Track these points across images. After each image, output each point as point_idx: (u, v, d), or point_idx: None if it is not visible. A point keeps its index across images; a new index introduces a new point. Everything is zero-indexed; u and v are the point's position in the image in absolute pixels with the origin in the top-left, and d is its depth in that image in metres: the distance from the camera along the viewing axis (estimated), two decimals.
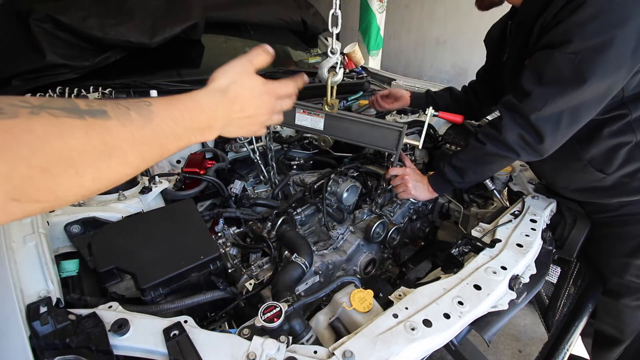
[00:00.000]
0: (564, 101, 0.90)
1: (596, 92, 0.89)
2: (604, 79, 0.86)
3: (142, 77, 1.61)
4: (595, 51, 0.83)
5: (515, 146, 1.00)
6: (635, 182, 1.06)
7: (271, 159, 1.52)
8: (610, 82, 0.87)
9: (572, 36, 0.84)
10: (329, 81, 1.10)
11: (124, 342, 0.60)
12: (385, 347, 0.68)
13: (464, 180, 1.17)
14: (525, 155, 1.03)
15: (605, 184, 1.10)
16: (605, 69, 0.84)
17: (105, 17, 1.50)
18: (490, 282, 0.88)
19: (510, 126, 0.98)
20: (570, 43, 0.84)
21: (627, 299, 1.26)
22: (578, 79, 0.86)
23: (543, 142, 0.96)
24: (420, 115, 1.77)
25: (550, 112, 0.92)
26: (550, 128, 0.94)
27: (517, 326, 2.18)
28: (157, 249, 0.85)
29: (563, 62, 0.86)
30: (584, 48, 0.83)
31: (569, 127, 0.94)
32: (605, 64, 0.83)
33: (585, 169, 1.09)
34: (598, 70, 0.84)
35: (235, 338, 0.65)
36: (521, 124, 0.97)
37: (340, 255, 1.23)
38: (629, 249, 1.20)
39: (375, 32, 3.47)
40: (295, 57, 2.39)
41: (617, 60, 0.83)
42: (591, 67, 0.84)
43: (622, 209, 1.17)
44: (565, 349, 1.20)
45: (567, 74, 0.86)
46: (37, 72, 1.42)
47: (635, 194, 1.10)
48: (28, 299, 0.63)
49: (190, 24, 1.64)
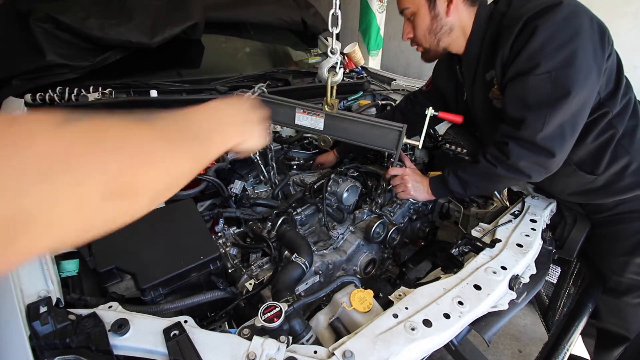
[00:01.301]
0: (560, 115, 0.93)
1: (583, 99, 0.94)
2: (583, 86, 0.91)
3: (142, 77, 1.61)
4: (565, 65, 0.90)
5: (526, 170, 1.02)
6: (625, 179, 1.09)
7: (271, 159, 1.52)
8: (589, 86, 0.93)
9: (538, 60, 0.91)
10: (329, 81, 1.10)
11: (124, 342, 0.61)
12: (385, 347, 0.68)
13: (465, 192, 1.18)
14: (537, 176, 1.04)
15: (597, 185, 1.12)
16: (580, 77, 0.91)
17: (105, 17, 1.50)
18: (490, 282, 0.88)
19: (518, 151, 0.99)
20: (538, 66, 0.91)
21: (628, 297, 1.27)
22: (563, 93, 0.91)
23: (554, 157, 0.98)
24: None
25: (552, 128, 0.95)
26: (557, 143, 0.96)
27: (517, 326, 2.18)
28: (157, 249, 0.85)
29: (540, 82, 0.93)
30: (554, 66, 0.90)
31: (572, 136, 0.98)
32: (578, 73, 0.90)
33: (575, 173, 1.12)
34: (575, 79, 0.90)
35: (235, 338, 0.65)
36: (529, 147, 0.98)
37: (340, 255, 1.23)
38: (628, 247, 1.21)
39: (375, 32, 3.47)
40: (295, 57, 2.39)
41: (586, 66, 0.91)
42: (568, 79, 0.90)
43: (619, 207, 1.18)
44: (565, 349, 1.20)
45: (551, 91, 0.92)
46: (37, 72, 1.42)
47: (627, 191, 1.11)
48: (28, 299, 0.63)
49: (190, 24, 1.64)
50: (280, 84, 1.84)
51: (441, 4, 1.05)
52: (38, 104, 1.36)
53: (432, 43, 1.12)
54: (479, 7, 1.07)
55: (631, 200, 1.15)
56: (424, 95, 1.49)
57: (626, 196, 1.13)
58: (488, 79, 1.08)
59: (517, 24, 0.94)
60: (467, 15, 1.07)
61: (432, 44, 1.12)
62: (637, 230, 1.19)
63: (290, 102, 1.26)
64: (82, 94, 1.39)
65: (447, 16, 1.06)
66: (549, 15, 0.90)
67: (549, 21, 0.90)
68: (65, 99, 1.37)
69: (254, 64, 2.16)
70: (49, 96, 1.36)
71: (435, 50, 1.14)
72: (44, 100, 1.36)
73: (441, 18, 1.06)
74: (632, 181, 1.09)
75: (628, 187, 1.10)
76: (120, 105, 1.42)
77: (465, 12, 1.07)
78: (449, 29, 1.08)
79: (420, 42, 1.14)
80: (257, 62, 2.20)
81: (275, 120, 1.32)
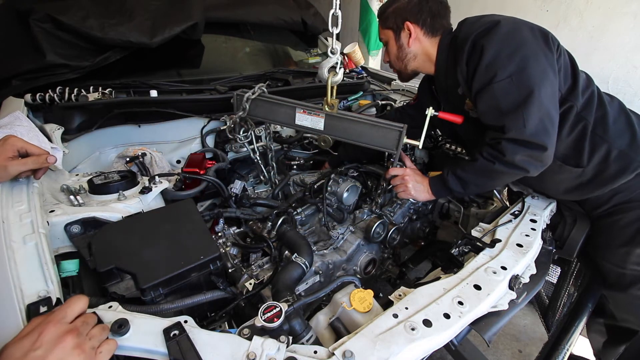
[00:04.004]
0: (535, 111, 0.99)
1: (549, 93, 1.01)
2: (544, 83, 1.00)
3: (142, 77, 1.61)
4: (521, 69, 1.00)
5: (523, 164, 1.05)
6: (611, 167, 1.12)
7: (271, 159, 1.52)
8: (549, 83, 1.01)
9: (495, 70, 1.01)
10: (329, 81, 1.10)
11: (124, 342, 0.60)
12: (385, 347, 0.68)
13: (465, 191, 1.20)
14: (534, 170, 1.07)
15: (587, 178, 1.16)
16: (538, 76, 1.00)
17: (105, 17, 1.50)
18: (490, 282, 0.88)
19: (512, 148, 1.03)
20: (496, 74, 1.01)
21: (633, 288, 1.27)
22: (528, 91, 0.99)
23: (547, 149, 1.01)
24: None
25: (534, 124, 0.99)
26: (544, 136, 1.00)
27: (517, 326, 2.18)
28: (157, 249, 0.85)
29: (504, 87, 1.01)
30: (511, 72, 1.00)
31: (553, 127, 1.03)
32: (535, 73, 1.00)
33: (562, 168, 1.15)
34: (534, 79, 0.99)
35: (235, 338, 0.65)
36: (521, 144, 1.02)
37: (340, 255, 1.23)
38: (627, 237, 1.22)
39: (375, 32, 3.46)
40: (295, 57, 2.39)
41: (540, 67, 1.01)
42: (528, 79, 0.99)
43: (615, 198, 1.21)
44: (565, 349, 1.20)
45: (517, 92, 1.00)
46: (37, 72, 1.42)
47: (617, 178, 1.13)
48: (28, 299, 0.63)
49: (190, 24, 1.64)
50: (280, 84, 1.84)
51: (404, 37, 1.23)
52: (38, 104, 1.36)
53: (401, 67, 1.31)
54: (441, 36, 1.22)
55: (625, 189, 1.18)
56: (411, 108, 1.58)
57: (618, 183, 1.15)
58: (460, 93, 1.19)
59: (465, 43, 1.06)
60: (430, 44, 1.23)
61: (401, 67, 1.31)
62: (635, 219, 1.20)
63: (290, 102, 1.26)
64: (82, 94, 1.39)
65: (409, 46, 1.24)
66: (491, 34, 1.02)
67: (493, 39, 1.02)
68: (65, 99, 1.37)
69: (254, 64, 2.16)
70: (49, 96, 1.36)
71: (405, 72, 1.32)
72: (44, 100, 1.36)
73: (405, 47, 1.25)
74: (619, 167, 1.12)
75: (616, 174, 1.13)
76: (120, 105, 1.42)
77: (427, 42, 1.23)
78: (413, 56, 1.26)
79: (393, 65, 1.34)
80: (257, 62, 2.20)
81: (275, 120, 1.32)
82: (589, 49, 2.04)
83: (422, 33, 1.21)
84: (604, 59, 1.99)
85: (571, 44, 1.11)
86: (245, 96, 1.30)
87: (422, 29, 1.21)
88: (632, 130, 1.12)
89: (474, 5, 2.56)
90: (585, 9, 2.05)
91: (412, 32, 1.20)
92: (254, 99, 1.30)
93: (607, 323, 1.45)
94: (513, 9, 2.45)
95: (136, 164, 1.29)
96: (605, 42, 1.98)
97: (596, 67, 2.01)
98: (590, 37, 2.04)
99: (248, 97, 1.29)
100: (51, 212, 0.88)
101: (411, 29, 1.20)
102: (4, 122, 1.12)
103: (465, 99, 1.18)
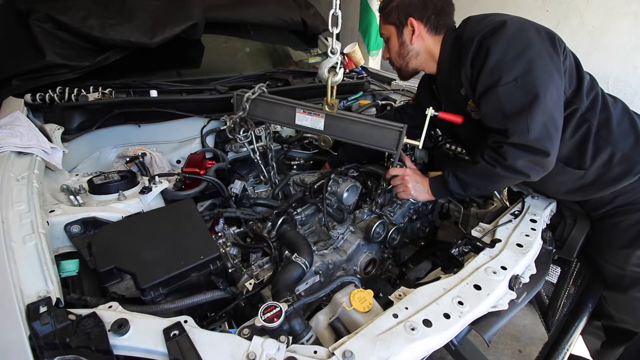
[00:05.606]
0: (539, 115, 0.97)
1: (554, 97, 0.99)
2: (549, 86, 0.98)
3: (142, 77, 1.61)
4: (527, 72, 0.97)
5: (524, 169, 1.04)
6: (614, 169, 1.11)
7: (271, 159, 1.52)
8: (554, 85, 0.99)
9: (500, 73, 0.99)
10: (329, 81, 1.10)
11: (124, 342, 0.60)
12: (385, 347, 0.68)
13: (465, 193, 1.19)
14: (535, 175, 1.06)
15: (589, 179, 1.14)
16: (544, 79, 0.97)
17: (105, 17, 1.50)
18: (490, 282, 0.88)
19: (514, 152, 1.02)
20: (502, 77, 0.99)
21: (633, 289, 1.27)
22: (533, 95, 0.97)
23: (549, 155, 1.00)
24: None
25: (538, 129, 0.98)
26: (547, 141, 0.99)
27: (517, 326, 2.18)
28: (157, 249, 0.85)
29: (510, 90, 0.99)
30: (516, 74, 0.98)
31: (557, 132, 1.01)
32: (540, 76, 0.97)
33: (564, 170, 1.14)
34: (540, 82, 0.97)
35: (235, 338, 0.65)
36: (523, 149, 1.01)
37: (340, 255, 1.23)
38: (628, 239, 1.21)
39: (375, 32, 3.46)
40: (295, 57, 2.39)
41: (546, 69, 0.98)
42: (534, 82, 0.97)
43: (616, 200, 1.20)
44: (565, 349, 1.20)
45: (522, 96, 0.98)
46: (37, 72, 1.42)
47: (619, 180, 1.12)
48: (28, 299, 0.63)
49: (190, 24, 1.64)
50: (280, 84, 1.84)
51: (407, 34, 1.19)
52: (38, 104, 1.36)
53: (402, 64, 1.27)
54: (445, 34, 1.18)
55: (628, 192, 1.16)
56: (410, 108, 1.56)
57: (620, 186, 1.14)
58: (463, 94, 1.16)
59: (471, 44, 1.03)
60: (433, 42, 1.19)
61: (402, 65, 1.27)
62: (637, 221, 1.19)
63: (290, 102, 1.26)
64: (82, 94, 1.38)
65: (412, 44, 1.20)
66: (498, 34, 0.99)
67: (499, 40, 0.99)
68: (65, 99, 1.37)
69: (254, 64, 2.16)
70: (49, 96, 1.36)
71: (406, 70, 1.28)
72: (44, 100, 1.36)
73: (407, 45, 1.21)
74: (622, 170, 1.11)
75: (619, 176, 1.12)
76: (120, 105, 1.42)
77: (431, 40, 1.19)
78: (415, 53, 1.22)
79: (393, 62, 1.30)
80: (257, 62, 2.20)
81: (275, 120, 1.32)
82: (589, 49, 2.04)
83: (425, 30, 1.17)
84: (604, 59, 1.99)
85: (571, 44, 1.10)
86: (245, 96, 1.30)
87: (426, 26, 1.17)
88: (636, 132, 1.11)
89: (474, 4, 2.56)
90: (585, 9, 2.05)
91: (415, 29, 1.16)
92: (254, 99, 1.30)
93: (605, 324, 1.45)
94: (513, 9, 2.44)
95: (136, 164, 1.29)
96: (605, 42, 1.98)
97: (596, 67, 2.00)
98: (590, 37, 2.04)
99: (248, 97, 1.29)
100: (51, 212, 0.88)
101: (415, 25, 1.15)
102: (4, 122, 1.12)
103: (467, 100, 1.16)
